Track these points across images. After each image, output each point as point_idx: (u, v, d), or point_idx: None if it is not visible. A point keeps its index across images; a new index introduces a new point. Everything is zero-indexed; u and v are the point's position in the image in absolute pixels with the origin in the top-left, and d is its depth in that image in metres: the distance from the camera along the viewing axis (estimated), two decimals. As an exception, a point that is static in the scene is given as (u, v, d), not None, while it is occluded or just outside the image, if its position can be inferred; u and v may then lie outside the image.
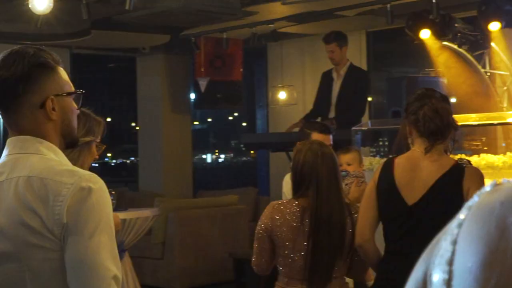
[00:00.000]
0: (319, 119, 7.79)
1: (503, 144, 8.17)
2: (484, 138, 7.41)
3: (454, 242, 0.71)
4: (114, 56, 12.40)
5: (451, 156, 3.73)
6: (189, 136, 11.43)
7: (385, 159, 6.23)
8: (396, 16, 7.61)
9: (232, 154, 18.25)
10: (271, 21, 8.70)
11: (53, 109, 2.08)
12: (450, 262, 0.69)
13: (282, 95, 10.05)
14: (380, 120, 8.13)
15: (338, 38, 7.99)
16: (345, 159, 4.90)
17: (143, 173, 11.42)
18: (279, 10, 8.48)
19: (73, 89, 2.17)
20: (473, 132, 7.44)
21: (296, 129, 7.93)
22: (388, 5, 7.43)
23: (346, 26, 8.61)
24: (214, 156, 18.43)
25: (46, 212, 1.96)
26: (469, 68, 8.65)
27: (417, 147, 3.60)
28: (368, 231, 3.61)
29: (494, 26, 7.84)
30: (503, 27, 7.87)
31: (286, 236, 3.70)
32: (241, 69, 10.49)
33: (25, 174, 2.02)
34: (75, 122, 2.17)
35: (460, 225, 0.72)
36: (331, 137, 4.85)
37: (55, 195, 1.97)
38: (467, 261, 0.68)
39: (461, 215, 0.73)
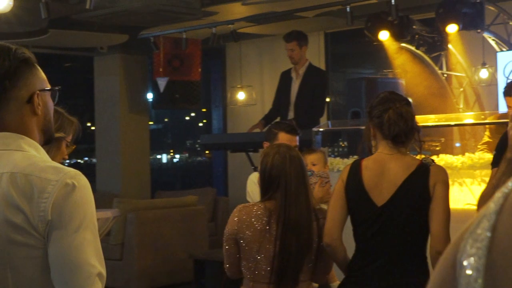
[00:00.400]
0: (278, 120, 7.80)
1: (457, 144, 8.29)
2: (443, 139, 7.51)
3: (493, 228, 0.71)
4: (71, 56, 12.25)
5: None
6: (147, 136, 11.36)
7: (346, 160, 6.30)
8: (355, 17, 7.66)
9: (187, 154, 18.17)
10: (231, 22, 8.69)
11: (38, 104, 2.08)
12: (489, 248, 0.70)
13: (241, 95, 10.06)
14: (340, 121, 8.19)
15: (298, 37, 8.02)
16: (310, 159, 4.92)
17: (100, 173, 11.30)
18: (239, 10, 8.49)
19: (49, 86, 2.16)
20: (431, 133, 7.53)
21: (257, 130, 7.93)
22: (348, 6, 7.48)
23: (305, 27, 8.65)
24: (169, 156, 18.32)
25: (30, 208, 1.94)
26: (426, 69, 8.76)
27: (382, 149, 3.65)
28: (337, 230, 3.64)
29: (452, 29, 7.94)
30: (460, 30, 7.98)
31: (253, 239, 3.68)
32: (200, 69, 10.47)
33: (9, 170, 2.00)
34: (53, 119, 2.18)
35: (498, 212, 0.71)
36: (297, 138, 4.87)
37: (40, 192, 1.95)
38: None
39: (497, 201, 0.72)
